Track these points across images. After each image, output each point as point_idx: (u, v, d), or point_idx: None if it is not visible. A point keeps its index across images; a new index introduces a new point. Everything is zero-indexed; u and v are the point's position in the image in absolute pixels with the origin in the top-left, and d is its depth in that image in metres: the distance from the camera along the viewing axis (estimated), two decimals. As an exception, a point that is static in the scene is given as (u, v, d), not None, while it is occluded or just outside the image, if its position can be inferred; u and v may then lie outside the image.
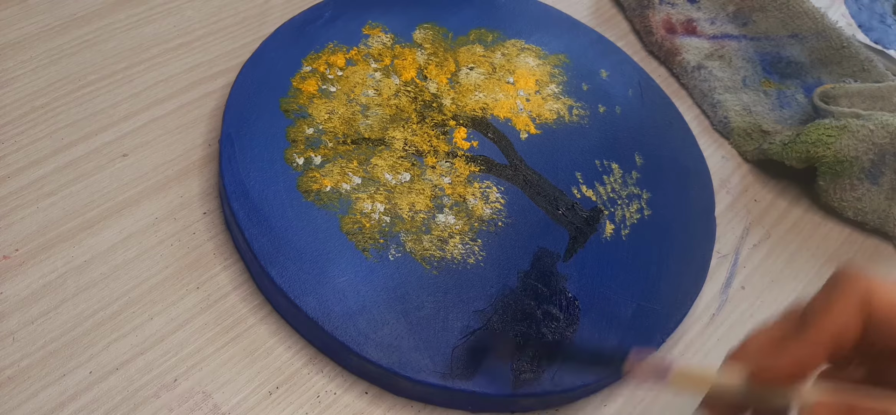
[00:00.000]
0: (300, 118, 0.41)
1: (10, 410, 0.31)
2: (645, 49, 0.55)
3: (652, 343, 0.36)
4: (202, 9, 0.49)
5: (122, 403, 0.31)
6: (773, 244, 0.44)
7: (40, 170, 0.39)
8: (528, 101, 0.46)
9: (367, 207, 0.38)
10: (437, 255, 0.37)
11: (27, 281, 0.34)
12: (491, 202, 0.40)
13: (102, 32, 0.46)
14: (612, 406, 0.35)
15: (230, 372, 0.33)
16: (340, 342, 0.32)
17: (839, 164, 0.44)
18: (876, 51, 0.58)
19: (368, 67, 0.45)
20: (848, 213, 0.45)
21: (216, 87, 0.45)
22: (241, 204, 0.36)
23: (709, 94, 0.51)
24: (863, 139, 0.43)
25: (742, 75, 0.53)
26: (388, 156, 0.40)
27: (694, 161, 0.45)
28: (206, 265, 0.36)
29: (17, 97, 0.42)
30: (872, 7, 0.63)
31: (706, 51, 0.54)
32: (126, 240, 0.37)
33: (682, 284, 0.38)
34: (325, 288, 0.34)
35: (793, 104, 0.51)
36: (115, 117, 0.42)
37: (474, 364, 0.33)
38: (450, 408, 0.34)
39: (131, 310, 0.34)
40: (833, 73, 0.53)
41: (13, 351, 0.32)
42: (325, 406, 0.33)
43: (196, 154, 0.41)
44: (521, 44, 0.49)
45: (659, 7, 0.55)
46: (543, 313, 0.35)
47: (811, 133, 0.44)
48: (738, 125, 0.50)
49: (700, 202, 0.43)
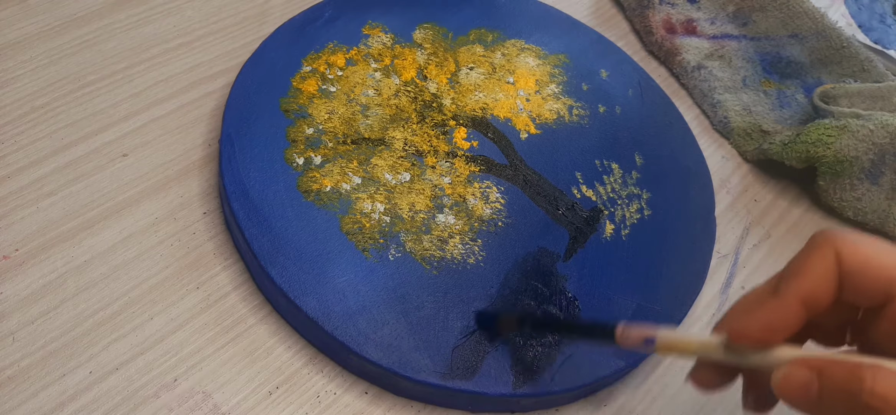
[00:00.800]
0: (300, 118, 0.41)
1: (10, 410, 0.31)
2: (645, 49, 0.55)
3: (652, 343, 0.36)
4: (202, 9, 0.49)
5: (122, 403, 0.31)
6: (773, 244, 0.44)
7: (40, 170, 0.39)
8: (528, 102, 0.46)
9: (367, 207, 0.38)
10: (437, 255, 0.37)
11: (27, 281, 0.34)
12: (491, 202, 0.40)
13: (102, 32, 0.46)
14: (613, 406, 0.35)
15: (230, 372, 0.33)
16: (340, 342, 0.32)
17: (839, 164, 0.44)
18: (876, 51, 0.58)
19: (368, 67, 0.45)
20: (848, 213, 0.45)
21: (216, 87, 0.45)
22: (241, 204, 0.36)
23: (709, 94, 0.51)
24: (863, 139, 0.43)
25: (742, 75, 0.53)
26: (388, 156, 0.40)
27: (694, 161, 0.45)
28: (206, 265, 0.36)
29: (17, 97, 0.42)
30: (872, 7, 0.63)
31: (706, 51, 0.54)
32: (126, 240, 0.37)
33: (682, 284, 0.38)
34: (325, 288, 0.34)
35: (793, 104, 0.51)
36: (115, 117, 0.42)
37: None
38: (450, 408, 0.34)
39: (131, 310, 0.34)
40: (833, 73, 0.53)
41: (13, 351, 0.32)
42: (325, 406, 0.33)
43: (196, 154, 0.41)
44: (521, 44, 0.50)
45: (659, 7, 0.55)
46: (543, 313, 0.35)
47: (811, 133, 0.44)
48: (738, 125, 0.50)
49: (700, 202, 0.43)
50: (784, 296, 0.24)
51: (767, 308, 0.25)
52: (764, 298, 0.25)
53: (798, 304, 0.24)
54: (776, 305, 0.24)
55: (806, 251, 0.25)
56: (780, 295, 0.24)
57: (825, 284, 0.24)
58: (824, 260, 0.24)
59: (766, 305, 0.25)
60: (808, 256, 0.25)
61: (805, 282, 0.24)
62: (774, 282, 0.25)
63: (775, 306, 0.24)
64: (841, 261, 0.24)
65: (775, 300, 0.24)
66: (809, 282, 0.24)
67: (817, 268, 0.24)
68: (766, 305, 0.25)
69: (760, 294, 0.25)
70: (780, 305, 0.24)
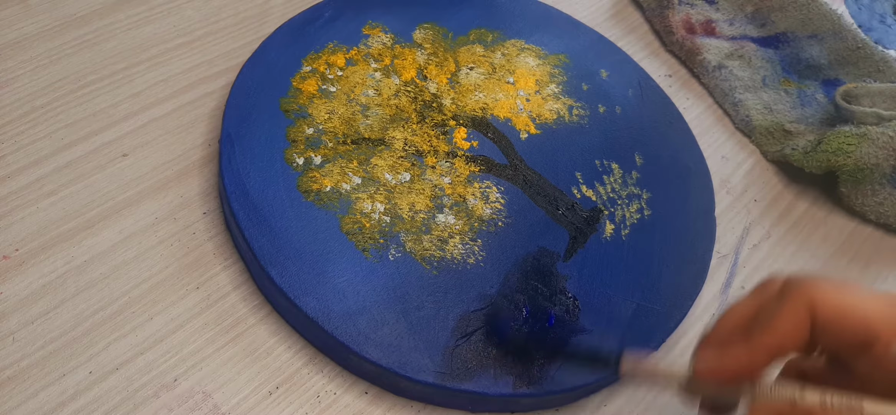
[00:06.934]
0: (300, 118, 0.41)
1: (10, 410, 0.31)
2: (665, 49, 0.55)
3: (651, 343, 0.36)
4: (202, 9, 0.49)
5: (122, 403, 0.31)
6: (773, 244, 0.44)
7: (40, 170, 0.39)
8: (528, 102, 0.46)
9: (367, 207, 0.38)
10: (437, 255, 0.37)
11: (27, 281, 0.34)
12: (491, 202, 0.40)
13: (102, 32, 0.46)
14: (612, 406, 0.35)
15: (230, 372, 0.33)
16: (340, 342, 0.32)
17: (860, 171, 0.44)
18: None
19: (368, 67, 0.45)
20: (870, 216, 0.46)
21: (216, 87, 0.45)
22: (241, 204, 0.36)
23: (730, 94, 0.52)
24: (883, 146, 0.43)
25: (762, 75, 0.53)
26: (388, 156, 0.40)
27: (694, 161, 0.45)
28: (206, 265, 0.36)
29: (17, 97, 0.42)
30: (872, 7, 0.63)
31: (726, 51, 0.54)
32: (126, 240, 0.37)
33: (682, 284, 0.38)
34: (325, 288, 0.34)
35: (813, 103, 0.51)
36: (115, 117, 0.42)
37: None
38: (450, 408, 0.34)
39: (131, 310, 0.34)
40: (850, 73, 0.53)
41: (13, 351, 0.32)
42: (325, 406, 0.33)
43: (196, 154, 0.41)
44: (521, 44, 0.49)
45: (678, 7, 0.56)
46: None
47: (831, 142, 0.45)
48: (760, 124, 0.50)
49: (700, 202, 0.43)
50: (753, 346, 0.25)
51: (736, 355, 0.25)
52: (734, 341, 0.26)
53: (766, 355, 0.25)
54: (744, 354, 0.25)
55: (779, 300, 0.25)
56: (750, 343, 0.25)
57: (795, 336, 0.25)
58: (796, 314, 0.25)
59: (735, 350, 0.25)
60: (781, 308, 0.25)
61: (775, 336, 0.25)
62: (748, 313, 0.26)
63: (743, 355, 0.25)
64: (816, 311, 0.24)
65: (744, 347, 0.25)
66: (780, 337, 0.25)
67: (788, 322, 0.25)
68: (735, 350, 0.25)
69: (732, 333, 0.26)
70: (748, 355, 0.25)
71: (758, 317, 0.26)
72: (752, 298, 0.27)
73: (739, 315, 0.27)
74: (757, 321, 0.26)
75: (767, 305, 0.26)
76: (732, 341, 0.26)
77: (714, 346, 0.27)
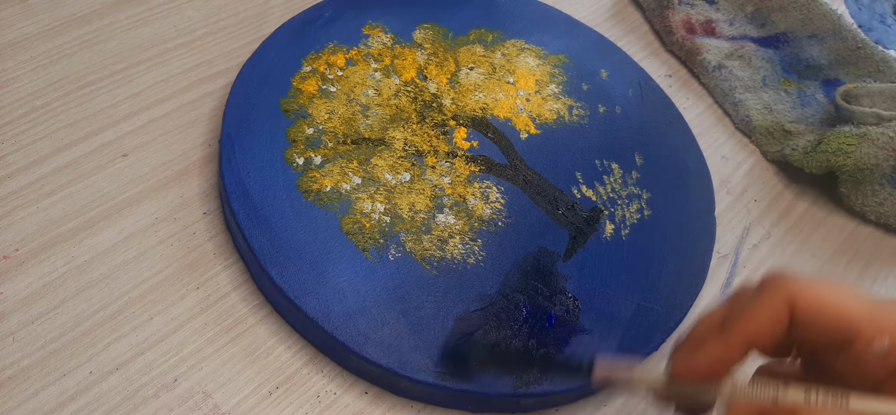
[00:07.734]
0: (300, 118, 0.41)
1: (10, 410, 0.31)
2: (665, 49, 0.55)
3: (652, 343, 0.36)
4: (202, 9, 0.49)
5: (122, 403, 0.31)
6: (773, 244, 0.44)
7: (40, 170, 0.39)
8: (528, 102, 0.46)
9: (367, 207, 0.38)
10: (437, 255, 0.37)
11: (27, 281, 0.34)
12: (491, 202, 0.40)
13: (102, 32, 0.46)
14: (612, 406, 0.35)
15: (230, 372, 0.33)
16: (340, 342, 0.32)
17: (860, 172, 0.44)
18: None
19: (368, 67, 0.45)
20: (870, 216, 0.46)
21: (216, 87, 0.45)
22: (241, 204, 0.36)
23: (730, 94, 0.52)
24: (883, 147, 0.43)
25: (762, 75, 0.53)
26: (388, 156, 0.40)
27: (694, 161, 0.45)
28: (206, 265, 0.36)
29: (17, 97, 0.42)
30: (872, 7, 0.63)
31: (726, 51, 0.54)
32: (126, 240, 0.37)
33: (682, 284, 0.38)
34: (325, 288, 0.34)
35: (813, 103, 0.51)
36: (115, 117, 0.42)
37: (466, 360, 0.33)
38: (450, 408, 0.34)
39: (131, 310, 0.34)
40: (850, 73, 0.53)
41: (13, 351, 0.32)
42: (325, 406, 0.33)
43: (196, 154, 0.41)
44: (521, 44, 0.49)
45: (678, 7, 0.56)
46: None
47: (831, 142, 0.45)
48: (760, 124, 0.50)
49: (700, 202, 0.43)
50: (728, 337, 0.24)
51: (711, 349, 0.25)
52: (709, 335, 0.25)
53: (742, 346, 0.24)
54: (719, 347, 0.24)
55: (758, 292, 0.25)
56: (726, 335, 0.24)
57: (772, 328, 0.24)
58: (773, 305, 0.24)
59: (710, 344, 0.25)
60: (759, 298, 0.24)
61: (751, 326, 0.24)
62: (723, 314, 0.26)
63: (718, 348, 0.24)
64: (795, 306, 0.24)
65: (719, 340, 0.25)
66: (755, 326, 0.24)
67: (765, 313, 0.24)
68: (710, 344, 0.25)
69: (708, 329, 0.26)
70: (723, 347, 0.24)
71: (733, 310, 0.25)
72: (727, 303, 0.27)
73: (714, 319, 0.26)
74: (733, 313, 0.25)
75: (744, 297, 0.25)
76: (707, 338, 0.25)
77: (689, 348, 0.26)
